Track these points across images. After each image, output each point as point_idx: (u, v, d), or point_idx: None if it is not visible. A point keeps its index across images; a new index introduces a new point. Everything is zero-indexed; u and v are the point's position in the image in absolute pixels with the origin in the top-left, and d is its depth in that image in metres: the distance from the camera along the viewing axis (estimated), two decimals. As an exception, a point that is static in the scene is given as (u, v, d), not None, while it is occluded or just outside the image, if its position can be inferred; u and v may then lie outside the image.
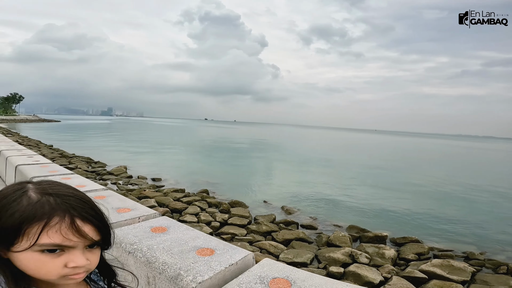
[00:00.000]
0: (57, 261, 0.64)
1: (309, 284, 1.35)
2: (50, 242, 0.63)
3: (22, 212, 0.63)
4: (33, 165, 4.41)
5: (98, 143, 31.73)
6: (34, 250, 0.63)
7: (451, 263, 5.49)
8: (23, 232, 0.62)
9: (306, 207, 10.78)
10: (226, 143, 42.44)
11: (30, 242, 0.62)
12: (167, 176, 15.06)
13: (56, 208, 0.65)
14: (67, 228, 0.64)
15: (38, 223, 0.63)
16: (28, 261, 0.63)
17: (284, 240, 6.98)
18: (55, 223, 0.64)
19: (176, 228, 1.92)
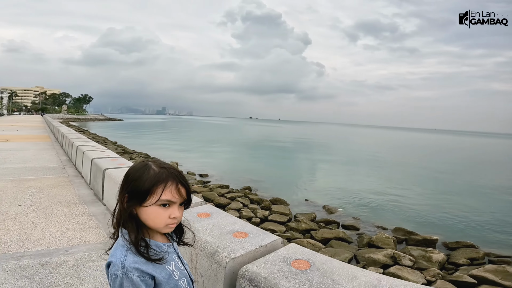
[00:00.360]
0: (166, 213, 0.94)
1: (327, 267, 1.51)
2: (166, 198, 0.93)
3: (152, 179, 0.93)
4: (105, 158, 5.29)
5: (154, 141, 34.64)
6: (156, 205, 0.93)
7: (506, 269, 5.04)
8: (151, 192, 0.92)
9: (350, 208, 10.57)
10: (271, 142, 42.88)
11: (156, 198, 0.92)
12: (214, 172, 15.91)
13: (169, 176, 0.95)
14: (174, 189, 0.94)
15: (161, 185, 0.93)
16: (151, 212, 0.94)
17: (323, 239, 7.01)
18: (169, 185, 0.94)
19: (218, 215, 2.25)
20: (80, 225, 3.78)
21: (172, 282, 0.98)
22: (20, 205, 4.43)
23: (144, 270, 0.92)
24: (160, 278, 0.95)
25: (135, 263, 0.92)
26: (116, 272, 0.91)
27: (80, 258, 2.87)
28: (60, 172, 6.99)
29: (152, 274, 0.93)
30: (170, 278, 0.98)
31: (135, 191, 0.93)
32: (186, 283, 1.03)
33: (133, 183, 0.95)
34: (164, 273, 0.97)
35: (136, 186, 0.94)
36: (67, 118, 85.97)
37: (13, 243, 3.11)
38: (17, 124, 29.33)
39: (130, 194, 0.95)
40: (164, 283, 0.96)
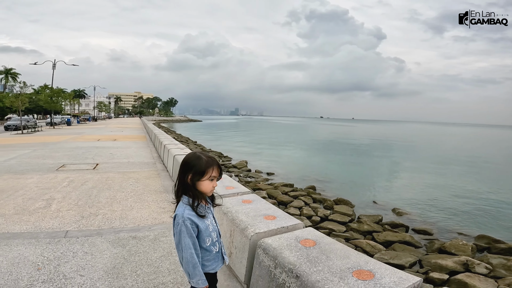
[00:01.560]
0: (211, 184, 1.56)
1: (329, 247, 1.83)
2: (214, 175, 1.56)
3: (207, 164, 1.54)
4: (184, 155, 6.43)
5: (227, 140, 37.40)
6: (208, 179, 1.55)
7: None
8: (206, 172, 1.54)
9: (424, 212, 9.74)
10: (342, 142, 41.28)
11: (209, 175, 1.55)
12: (280, 171, 16.49)
13: (214, 162, 1.57)
14: (216, 170, 1.57)
15: (211, 168, 1.55)
16: (204, 184, 1.55)
17: (385, 241, 6.77)
18: (215, 168, 1.56)
19: (257, 202, 2.78)
20: (161, 209, 4.80)
21: (207, 232, 1.57)
22: (123, 191, 5.77)
23: (194, 220, 1.52)
24: (201, 227, 1.55)
25: (189, 215, 1.51)
26: (178, 221, 1.50)
27: (157, 234, 3.75)
28: (152, 167, 8.56)
29: (198, 223, 1.53)
30: (206, 229, 1.57)
31: (197, 171, 1.53)
32: (216, 236, 1.63)
33: (196, 167, 1.53)
34: (204, 224, 1.56)
35: (198, 168, 1.53)
36: (159, 120, 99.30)
37: (116, 221, 4.18)
38: (122, 126, 35.54)
39: (193, 173, 1.54)
40: (203, 231, 1.55)
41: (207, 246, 1.57)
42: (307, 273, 1.56)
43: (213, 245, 1.60)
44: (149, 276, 2.70)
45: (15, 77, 53.93)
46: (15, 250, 3.17)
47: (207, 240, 1.56)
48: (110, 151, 11.66)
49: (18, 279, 2.58)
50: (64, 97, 41.61)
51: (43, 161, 9.18)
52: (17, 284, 2.50)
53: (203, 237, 1.55)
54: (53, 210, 4.56)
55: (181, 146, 8.44)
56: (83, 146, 13.59)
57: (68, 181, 6.49)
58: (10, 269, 2.75)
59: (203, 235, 1.55)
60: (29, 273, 2.68)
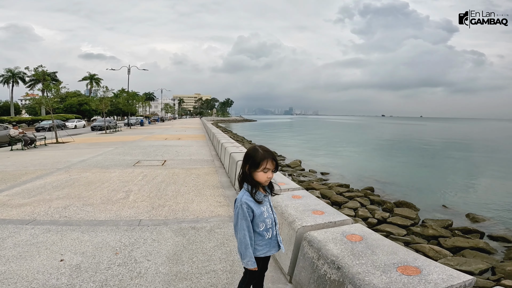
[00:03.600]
0: (266, 175, 1.72)
1: (377, 243, 1.82)
2: (268, 167, 1.71)
3: (261, 156, 1.70)
4: (239, 153, 6.90)
5: (282, 140, 37.57)
6: (263, 171, 1.71)
7: None
8: (260, 164, 1.70)
9: (505, 218, 8.52)
10: (408, 141, 37.88)
11: (263, 167, 1.70)
12: (335, 171, 16.00)
13: (268, 155, 1.72)
14: (270, 162, 1.70)
15: (265, 160, 1.70)
16: (259, 174, 1.71)
17: (453, 247, 6.13)
18: (269, 160, 1.70)
19: (307, 197, 2.89)
20: (218, 203, 5.20)
21: (262, 217, 1.74)
22: (186, 186, 6.38)
23: (250, 205, 1.71)
24: (256, 212, 1.72)
25: (247, 200, 1.72)
26: (237, 204, 1.72)
27: (213, 225, 4.08)
28: (211, 164, 9.22)
29: (253, 208, 1.72)
30: (261, 214, 1.73)
31: (253, 163, 1.71)
32: (270, 222, 1.78)
33: (252, 159, 1.71)
34: (259, 210, 1.73)
35: (253, 160, 1.71)
36: (216, 120, 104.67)
37: (179, 212, 4.66)
38: (185, 126, 38.49)
39: (250, 164, 1.73)
40: (257, 216, 1.73)
41: (260, 231, 1.73)
42: (349, 265, 1.61)
43: (266, 231, 1.75)
44: (203, 263, 2.96)
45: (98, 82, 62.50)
46: (100, 236, 3.66)
47: (261, 225, 1.72)
48: (176, 149, 12.85)
49: (99, 262, 2.95)
50: (138, 99, 46.74)
51: (123, 157, 10.61)
52: (98, 267, 2.86)
53: (257, 222, 1.71)
54: (131, 200, 5.30)
55: (236, 145, 8.92)
56: (153, 144, 15.24)
57: (142, 175, 7.43)
58: (94, 253, 3.17)
59: (257, 220, 1.71)
60: (109, 257, 3.07)
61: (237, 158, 6.16)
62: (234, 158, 6.31)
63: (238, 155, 6.52)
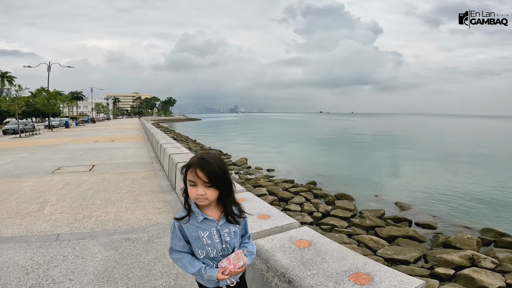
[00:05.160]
0: (194, 190, 1.27)
1: (325, 248, 1.72)
2: (189, 179, 1.28)
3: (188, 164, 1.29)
4: (180, 154, 6.37)
5: (228, 138, 37.29)
6: (188, 184, 1.28)
7: None
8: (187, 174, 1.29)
9: (428, 205, 9.60)
10: (342, 136, 41.11)
11: (188, 179, 1.28)
12: (281, 167, 16.37)
13: (194, 162, 1.28)
14: (194, 173, 1.26)
15: (189, 170, 1.28)
16: (188, 189, 1.30)
17: (389, 237, 6.66)
18: (192, 170, 1.27)
19: (252, 200, 2.68)
20: (157, 209, 4.69)
21: (199, 244, 1.34)
22: (119, 192, 5.66)
23: (182, 224, 1.34)
24: (186, 233, 1.33)
25: (179, 216, 1.35)
26: (173, 219, 1.37)
27: (152, 235, 3.65)
28: (149, 167, 8.45)
29: (184, 229, 1.34)
30: (197, 239, 1.33)
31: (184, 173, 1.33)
32: (215, 253, 1.36)
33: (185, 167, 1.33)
34: (194, 233, 1.33)
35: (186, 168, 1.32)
36: (158, 120, 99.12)
37: (109, 223, 4.08)
38: (121, 127, 35.42)
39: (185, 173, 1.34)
40: (192, 240, 1.34)
41: (201, 259, 1.36)
42: (300, 277, 1.45)
43: (210, 260, 1.36)
44: (140, 280, 2.62)
45: (11, 80, 53.82)
46: (5, 254, 3.13)
47: (200, 252, 1.35)
48: (108, 152, 11.55)
49: (6, 284, 2.54)
50: (61, 99, 41.48)
51: (40, 164, 9.08)
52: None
53: (194, 248, 1.35)
54: (46, 213, 4.46)
55: (177, 145, 8.34)
56: (80, 148, 13.49)
57: (64, 183, 6.39)
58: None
59: (194, 245, 1.35)
60: (18, 277, 2.66)
61: (176, 160, 5.69)
62: (174, 159, 5.81)
63: (178, 157, 6.03)
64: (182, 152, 6.73)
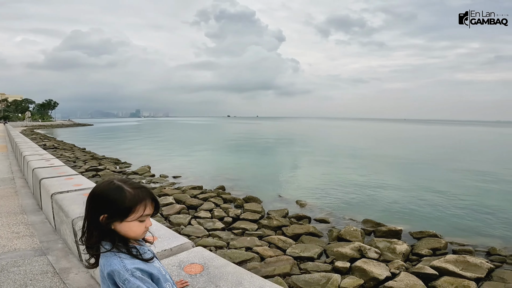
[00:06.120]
0: (143, 224, 1.16)
1: (219, 271, 1.53)
2: (147, 213, 1.15)
3: (132, 199, 1.12)
4: (47, 168, 4.97)
5: (126, 145, 33.40)
6: (138, 220, 1.13)
7: (467, 259, 5.09)
8: (133, 210, 1.12)
9: (322, 201, 10.59)
10: (248, 139, 42.74)
11: (139, 214, 1.13)
12: (188, 173, 15.53)
13: (146, 195, 1.15)
14: (150, 205, 1.16)
15: (142, 204, 1.13)
16: (133, 226, 1.13)
17: (294, 235, 6.97)
18: (148, 203, 1.15)
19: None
20: (15, 234, 3.72)
21: (163, 277, 1.20)
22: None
23: (143, 269, 1.12)
24: (155, 273, 1.16)
25: (134, 264, 1.11)
26: (125, 277, 1.07)
27: (6, 263, 2.91)
28: (9, 183, 6.59)
29: (149, 271, 1.13)
30: (160, 272, 1.19)
31: (117, 210, 1.10)
32: (169, 276, 1.26)
33: (113, 204, 1.10)
34: (156, 270, 1.18)
35: (117, 206, 1.10)
36: (32, 126, 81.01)
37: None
38: (-27, 135, 27.09)
39: (110, 213, 1.10)
40: (161, 277, 1.17)
41: None
42: None
43: None
44: None
45: None
46: None
47: (167, 286, 1.22)
48: None
49: None
50: None
51: None
52: None
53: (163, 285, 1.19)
54: None
55: (48, 157, 6.61)
56: None
57: None
58: None
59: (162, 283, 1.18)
60: None
61: (41, 175, 4.43)
62: (38, 175, 4.49)
63: (45, 171, 4.72)
64: (52, 165, 5.29)
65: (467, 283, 4.50)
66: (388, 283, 4.57)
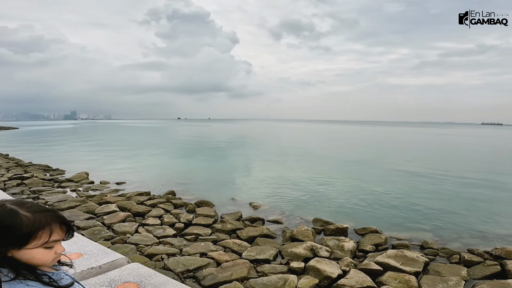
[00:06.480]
0: (52, 251, 1.03)
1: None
2: (55, 239, 1.02)
3: (31, 225, 0.97)
4: None
5: (58, 150, 29.81)
6: (42, 247, 0.99)
7: (405, 254, 5.46)
8: (34, 237, 0.97)
9: (274, 202, 10.70)
10: (200, 142, 41.67)
11: (43, 241, 0.99)
12: (133, 179, 14.45)
13: (52, 219, 1.01)
14: (59, 230, 1.04)
15: (46, 230, 0.99)
16: (36, 253, 0.98)
17: (249, 238, 6.91)
18: (54, 228, 1.02)
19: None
20: None
21: None
22: None
23: None
24: None
25: None
26: None
27: None
28: None
29: None
30: None
31: (10, 238, 0.95)
32: None
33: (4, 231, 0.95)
34: None
35: (10, 233, 0.95)
36: None
37: None
38: None
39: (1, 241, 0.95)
40: None
41: None
42: None
43: None
44: None
45: None
46: None
47: None
48: None
49: None
50: None
51: None
52: None
53: None
54: None
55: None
56: None
57: None
58: None
59: None
60: None
61: None
62: None
63: None
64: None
65: (408, 277, 4.77)
66: (341, 281, 4.71)
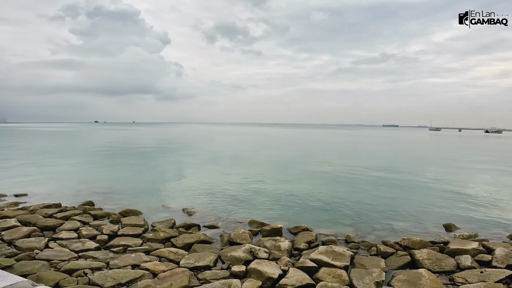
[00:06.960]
0: None
1: None
2: None
3: None
4: None
5: None
6: None
7: (333, 249, 5.83)
8: None
9: (208, 207, 10.34)
10: (121, 147, 37.75)
11: None
12: (37, 191, 12.18)
13: None
14: None
15: None
16: None
17: (185, 245, 6.52)
18: None
19: None
20: None
21: None
22: None
23: None
24: None
25: None
26: None
27: None
28: None
29: None
30: None
31: None
32: None
33: None
34: None
35: None
36: None
37: None
38: None
39: None
40: None
41: None
42: None
43: None
44: None
45: None
46: None
47: None
48: None
49: None
50: None
51: None
52: None
53: None
54: None
55: None
56: None
57: None
58: None
59: None
60: None
61: None
62: None
63: None
64: None
65: (339, 272, 5.06)
66: (282, 281, 4.74)
